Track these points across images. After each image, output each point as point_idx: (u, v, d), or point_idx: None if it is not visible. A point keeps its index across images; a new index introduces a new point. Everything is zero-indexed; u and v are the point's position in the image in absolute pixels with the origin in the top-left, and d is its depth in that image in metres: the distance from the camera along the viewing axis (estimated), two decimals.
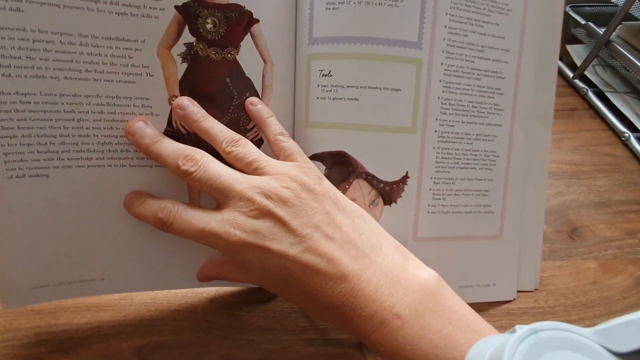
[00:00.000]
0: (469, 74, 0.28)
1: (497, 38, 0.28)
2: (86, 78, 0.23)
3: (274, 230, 0.21)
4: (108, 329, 0.29)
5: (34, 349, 0.27)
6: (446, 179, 0.28)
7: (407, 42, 0.26)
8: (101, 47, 0.23)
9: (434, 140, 0.28)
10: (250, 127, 0.27)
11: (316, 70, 0.27)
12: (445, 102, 0.28)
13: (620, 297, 0.31)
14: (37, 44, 0.22)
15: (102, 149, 0.24)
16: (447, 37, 0.27)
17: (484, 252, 0.30)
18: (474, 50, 0.28)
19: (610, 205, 0.39)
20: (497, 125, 0.29)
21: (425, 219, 0.28)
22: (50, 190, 0.24)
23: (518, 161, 0.30)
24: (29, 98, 0.22)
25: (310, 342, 0.29)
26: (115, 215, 0.25)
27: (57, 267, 0.25)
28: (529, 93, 0.30)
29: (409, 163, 0.28)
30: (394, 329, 0.20)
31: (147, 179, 0.25)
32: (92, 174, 0.24)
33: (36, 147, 0.23)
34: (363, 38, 0.26)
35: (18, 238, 0.24)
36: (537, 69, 0.30)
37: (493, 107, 0.29)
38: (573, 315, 0.30)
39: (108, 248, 0.26)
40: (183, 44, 0.24)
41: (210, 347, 0.28)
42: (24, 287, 0.25)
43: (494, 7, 0.28)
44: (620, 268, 0.33)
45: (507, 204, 0.30)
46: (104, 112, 0.24)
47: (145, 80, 0.24)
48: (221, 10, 0.25)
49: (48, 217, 0.24)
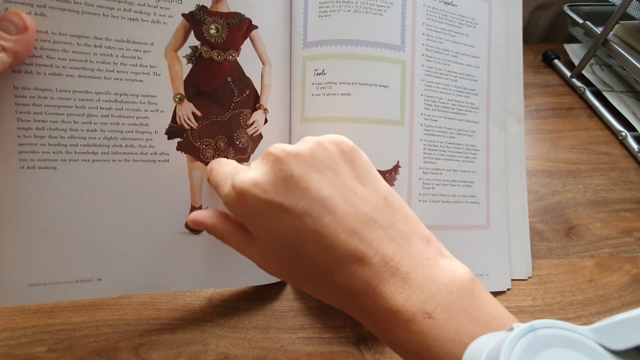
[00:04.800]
0: (447, 75, 0.31)
1: (467, 46, 0.32)
2: (98, 76, 0.25)
3: (296, 191, 0.18)
4: (106, 327, 0.28)
5: (31, 348, 0.27)
6: (434, 169, 0.30)
7: (391, 45, 0.29)
8: (113, 48, 0.25)
9: (421, 132, 0.30)
10: (250, 122, 0.29)
11: (311, 70, 0.29)
12: (428, 99, 0.30)
13: (617, 295, 0.32)
14: (57, 45, 0.24)
15: (107, 144, 0.25)
16: (425, 43, 0.30)
17: (474, 242, 0.31)
18: (449, 55, 0.31)
19: (606, 204, 0.39)
20: (474, 122, 0.32)
21: (417, 207, 0.30)
22: (57, 183, 0.25)
23: (496, 155, 0.32)
24: (46, 94, 0.24)
25: (308, 340, 0.28)
26: (115, 213, 0.26)
27: (54, 263, 0.25)
28: (501, 93, 0.33)
29: (400, 153, 0.29)
30: (424, 329, 0.17)
31: (149, 174, 0.26)
32: (97, 168, 0.25)
33: (47, 139, 0.24)
34: (353, 40, 0.29)
35: (20, 231, 0.25)
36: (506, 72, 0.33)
37: (470, 106, 0.32)
38: (570, 313, 0.31)
39: (107, 247, 0.26)
40: (189, 47, 0.26)
41: (208, 346, 0.28)
42: (20, 283, 0.25)
43: (463, 20, 0.32)
44: (616, 266, 0.34)
45: (490, 195, 0.32)
46: (112, 108, 0.25)
47: (153, 79, 0.26)
48: (223, 17, 0.27)
49: (51, 210, 0.25)
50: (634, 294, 0.32)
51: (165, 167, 0.27)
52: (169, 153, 0.27)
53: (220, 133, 0.28)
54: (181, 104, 0.27)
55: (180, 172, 0.27)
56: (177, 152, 0.27)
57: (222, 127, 0.28)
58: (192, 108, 0.27)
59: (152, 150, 0.26)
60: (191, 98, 0.27)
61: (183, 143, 0.27)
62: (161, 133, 0.26)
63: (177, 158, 0.27)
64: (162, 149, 0.27)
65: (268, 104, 0.29)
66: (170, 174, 0.27)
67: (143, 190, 0.26)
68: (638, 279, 0.33)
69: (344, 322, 0.30)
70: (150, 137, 0.26)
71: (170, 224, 0.27)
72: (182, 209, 0.28)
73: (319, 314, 0.30)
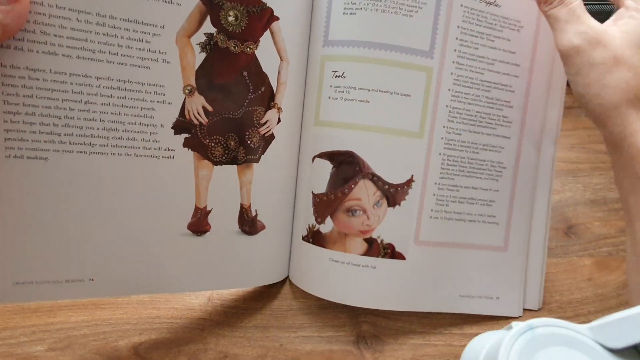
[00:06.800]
0: (478, 85, 0.29)
1: (507, 53, 0.29)
2: (99, 59, 0.22)
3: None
4: (105, 326, 0.28)
5: (30, 347, 0.27)
6: (450, 185, 0.29)
7: (419, 51, 0.27)
8: (118, 28, 0.22)
9: (440, 146, 0.28)
10: (264, 121, 0.27)
11: (329, 71, 0.27)
12: (453, 110, 0.28)
13: (615, 294, 0.31)
14: (53, 19, 0.21)
15: (107, 135, 0.23)
16: (457, 49, 0.28)
17: (486, 263, 0.30)
18: (484, 62, 0.28)
19: (605, 203, 0.38)
20: (504, 137, 0.30)
21: (427, 223, 0.29)
22: (47, 176, 0.22)
23: (526, 174, 0.30)
24: (38, 74, 0.21)
25: (307, 339, 0.28)
26: (111, 210, 0.24)
27: (42, 261, 0.23)
28: (540, 107, 0.30)
29: (415, 167, 0.28)
30: None
31: (152, 171, 0.24)
32: (93, 161, 0.23)
33: (38, 127, 0.22)
34: (377, 43, 0.27)
35: (5, 225, 0.22)
36: (549, 84, 0.30)
37: (502, 119, 0.29)
38: (568, 311, 0.31)
39: (101, 246, 0.24)
40: (203, 34, 0.24)
41: (207, 345, 0.28)
42: (4, 281, 0.23)
43: (506, 23, 0.29)
44: (615, 265, 0.33)
45: (512, 216, 0.30)
46: (113, 96, 0.23)
47: (161, 67, 0.23)
48: (244, 4, 0.25)
49: (40, 205, 0.23)
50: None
51: (169, 164, 0.25)
52: (175, 149, 0.25)
53: (232, 131, 0.26)
54: (191, 97, 0.24)
55: (186, 171, 0.25)
56: (184, 149, 0.25)
57: (233, 124, 0.26)
58: (202, 102, 0.25)
59: (156, 145, 0.24)
60: (202, 91, 0.25)
61: (191, 139, 0.25)
62: (167, 127, 0.24)
63: (183, 155, 0.25)
64: (167, 145, 0.24)
65: (282, 103, 0.27)
66: (175, 172, 0.25)
67: (144, 188, 0.24)
68: None
69: (344, 321, 0.29)
70: (155, 130, 0.24)
71: (173, 224, 0.26)
72: (185, 209, 0.26)
73: (319, 313, 0.30)
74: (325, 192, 0.28)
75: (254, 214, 0.28)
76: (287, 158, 0.29)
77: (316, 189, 0.29)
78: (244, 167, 0.27)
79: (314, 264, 0.29)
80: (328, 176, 0.28)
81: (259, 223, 0.28)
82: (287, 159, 0.29)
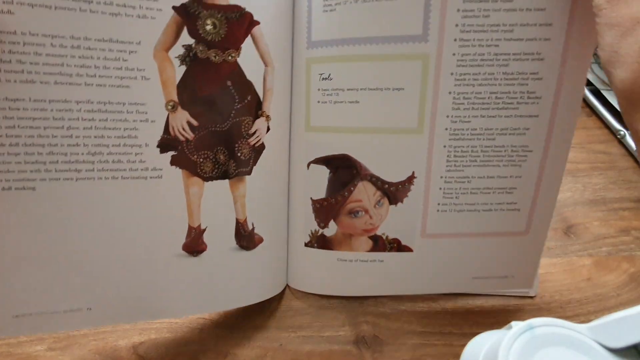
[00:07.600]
0: (491, 60, 0.24)
1: (533, 12, 0.23)
2: (77, 83, 0.22)
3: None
4: (105, 327, 0.28)
5: (30, 347, 0.27)
6: (460, 177, 0.27)
7: (409, 37, 0.24)
8: (94, 49, 0.21)
9: (445, 138, 0.26)
10: (252, 131, 0.26)
11: (316, 74, 0.26)
12: (459, 96, 0.25)
13: (615, 293, 0.32)
14: (27, 47, 0.20)
15: (92, 160, 0.23)
16: (460, 23, 0.23)
17: (504, 247, 0.28)
18: (499, 32, 0.23)
19: (605, 203, 0.39)
20: (530, 117, 0.25)
21: (434, 216, 0.27)
22: (36, 205, 0.22)
23: (558, 154, 0.26)
24: (18, 104, 0.21)
25: (307, 339, 0.28)
26: (102, 236, 0.23)
27: (39, 293, 0.23)
28: (581, 69, 0.24)
29: (416, 164, 0.26)
30: None
31: (141, 193, 0.24)
32: (80, 187, 0.23)
33: (23, 157, 0.21)
34: (361, 39, 0.25)
35: (1, 259, 0.22)
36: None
37: (526, 96, 0.25)
38: (568, 311, 0.30)
39: (96, 274, 0.24)
40: (181, 46, 0.23)
41: (207, 345, 0.28)
42: (4, 315, 0.23)
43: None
44: (614, 265, 0.34)
45: (538, 200, 0.27)
46: (94, 119, 0.22)
47: (141, 84, 0.23)
48: (221, 11, 0.24)
49: (32, 235, 0.22)
50: (632, 293, 0.32)
51: (158, 184, 0.24)
52: (162, 168, 0.24)
53: (220, 144, 0.25)
54: (174, 113, 0.24)
55: (175, 189, 0.24)
56: (171, 167, 0.24)
57: (221, 137, 0.25)
58: (187, 116, 0.24)
59: (142, 165, 0.23)
60: (186, 105, 0.24)
61: (178, 156, 0.24)
62: (153, 146, 0.23)
63: (171, 173, 0.24)
64: (154, 164, 0.24)
65: (270, 111, 0.26)
66: (164, 192, 0.24)
67: (134, 211, 0.24)
68: (636, 277, 0.33)
69: (343, 321, 0.29)
70: (140, 150, 0.23)
71: (166, 246, 0.25)
72: (178, 229, 0.25)
73: (318, 313, 0.30)
74: (325, 197, 0.27)
75: (251, 227, 0.27)
76: (280, 167, 0.28)
77: (314, 195, 0.28)
78: (236, 180, 0.26)
79: (319, 266, 0.29)
80: (325, 181, 0.27)
81: (257, 236, 0.27)
82: (279, 167, 0.28)
